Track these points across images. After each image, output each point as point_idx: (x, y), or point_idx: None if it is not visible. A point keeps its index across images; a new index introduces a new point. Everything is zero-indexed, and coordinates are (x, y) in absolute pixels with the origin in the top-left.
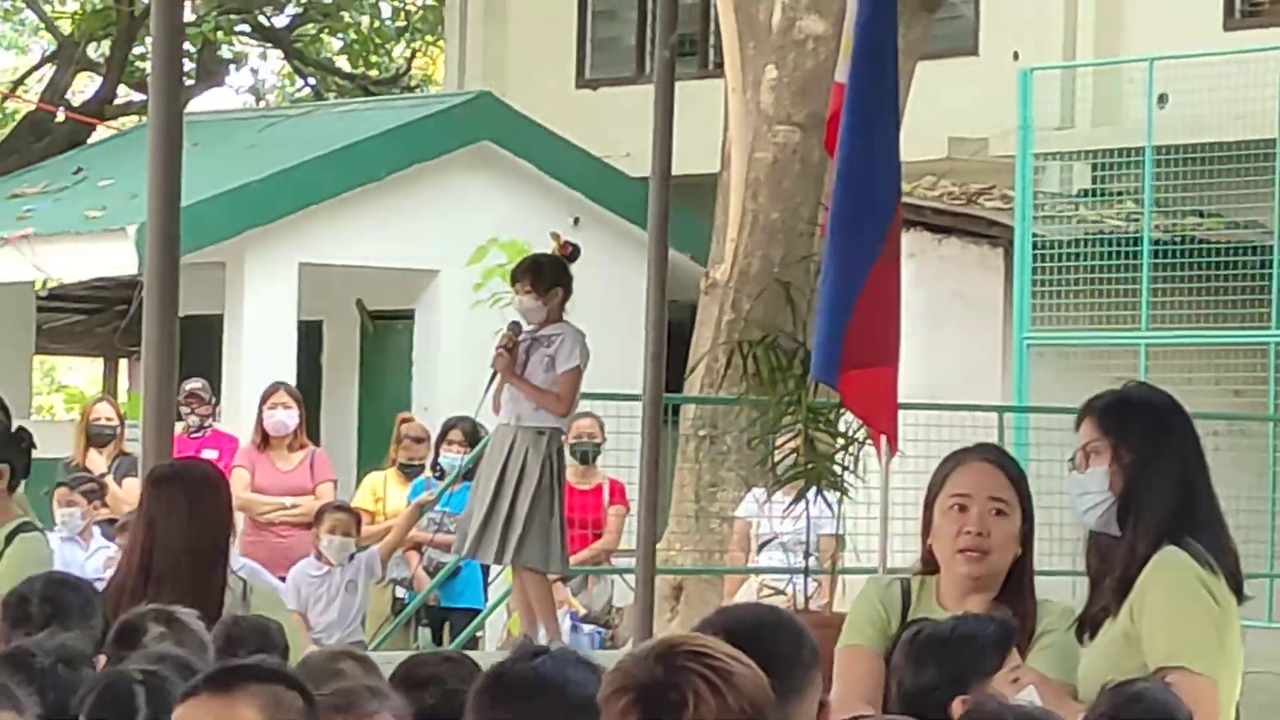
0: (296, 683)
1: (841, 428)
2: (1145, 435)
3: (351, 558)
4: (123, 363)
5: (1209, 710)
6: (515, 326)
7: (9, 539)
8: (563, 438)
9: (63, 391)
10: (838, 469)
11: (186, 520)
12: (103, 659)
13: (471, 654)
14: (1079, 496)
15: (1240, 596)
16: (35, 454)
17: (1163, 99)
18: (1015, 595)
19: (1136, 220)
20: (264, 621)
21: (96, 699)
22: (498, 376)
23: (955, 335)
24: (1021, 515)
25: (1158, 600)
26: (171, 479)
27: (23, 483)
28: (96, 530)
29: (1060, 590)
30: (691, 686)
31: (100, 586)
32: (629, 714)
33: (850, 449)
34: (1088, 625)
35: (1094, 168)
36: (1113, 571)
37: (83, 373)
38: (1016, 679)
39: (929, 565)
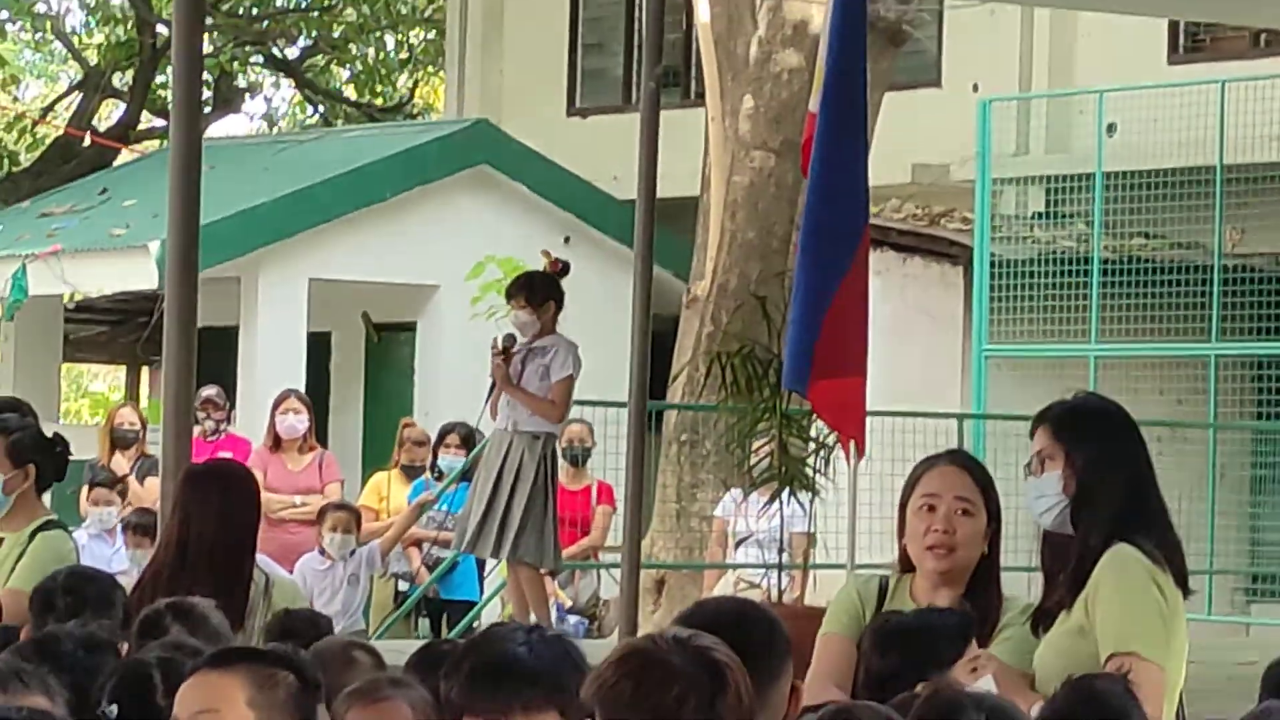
0: (294, 665)
1: (813, 433)
2: (1095, 442)
3: (353, 553)
4: (144, 370)
5: (1155, 694)
6: (509, 338)
7: (33, 535)
8: (556, 442)
9: (88, 397)
10: (809, 471)
11: (218, 514)
12: (125, 646)
13: None
14: (1035, 499)
15: (1185, 590)
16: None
17: (1111, 128)
18: (982, 590)
19: (1087, 241)
20: (314, 614)
21: (118, 682)
22: (496, 385)
23: (918, 347)
24: (987, 516)
25: (1109, 593)
26: (206, 476)
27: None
28: (119, 527)
29: (1016, 584)
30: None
31: (124, 580)
32: (685, 702)
33: (821, 453)
34: (1043, 618)
35: (1047, 192)
36: (1067, 567)
37: (107, 380)
38: (975, 668)
39: (906, 564)
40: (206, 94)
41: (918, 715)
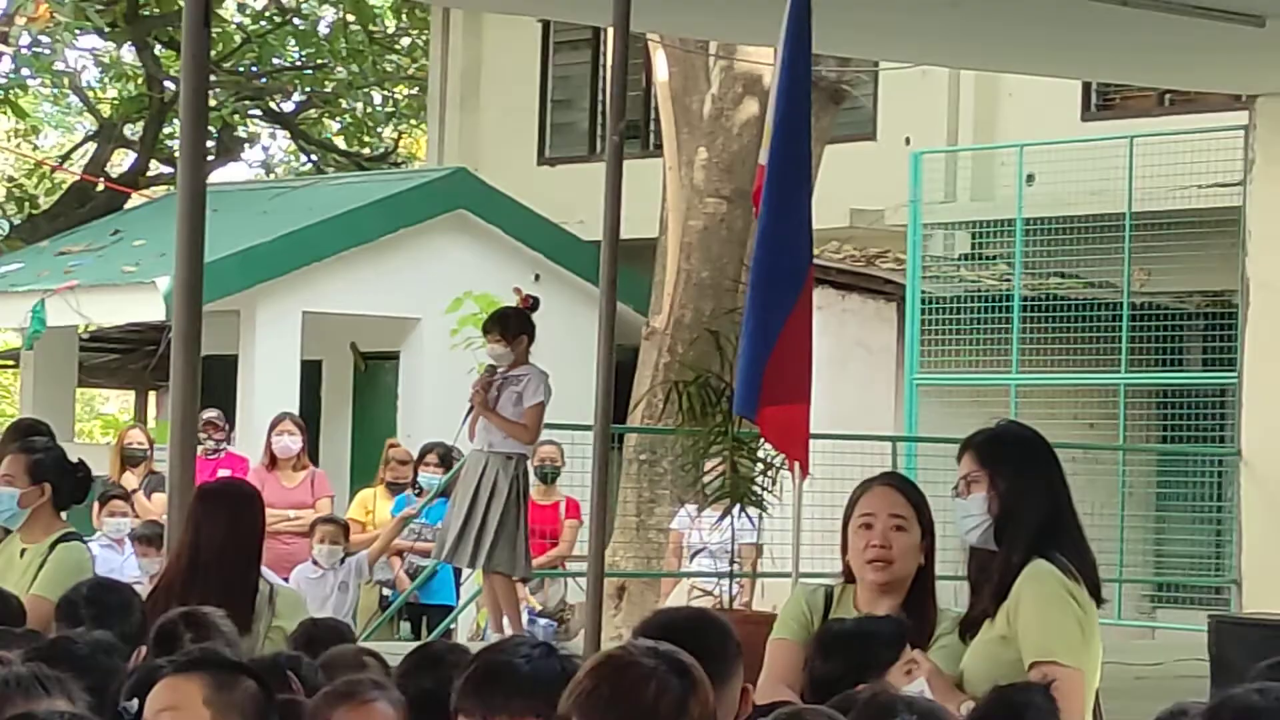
0: (254, 674)
1: (761, 454)
2: (1016, 465)
3: (343, 561)
4: (152, 395)
5: (1077, 698)
6: (491, 370)
7: (53, 546)
8: (528, 461)
9: (100, 419)
10: (758, 489)
11: (226, 529)
12: (143, 650)
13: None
14: (962, 519)
15: (1099, 600)
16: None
17: (1030, 178)
18: (919, 600)
19: (1008, 280)
20: (338, 623)
21: (135, 683)
22: (474, 410)
23: (856, 377)
24: (921, 530)
25: (1030, 605)
26: (217, 494)
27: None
28: (128, 538)
29: (943, 592)
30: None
31: (136, 586)
32: (662, 699)
33: (768, 472)
34: (969, 626)
35: (973, 236)
36: (990, 580)
37: (118, 403)
38: (909, 671)
39: (849, 576)
40: (210, 144)
41: (857, 717)
